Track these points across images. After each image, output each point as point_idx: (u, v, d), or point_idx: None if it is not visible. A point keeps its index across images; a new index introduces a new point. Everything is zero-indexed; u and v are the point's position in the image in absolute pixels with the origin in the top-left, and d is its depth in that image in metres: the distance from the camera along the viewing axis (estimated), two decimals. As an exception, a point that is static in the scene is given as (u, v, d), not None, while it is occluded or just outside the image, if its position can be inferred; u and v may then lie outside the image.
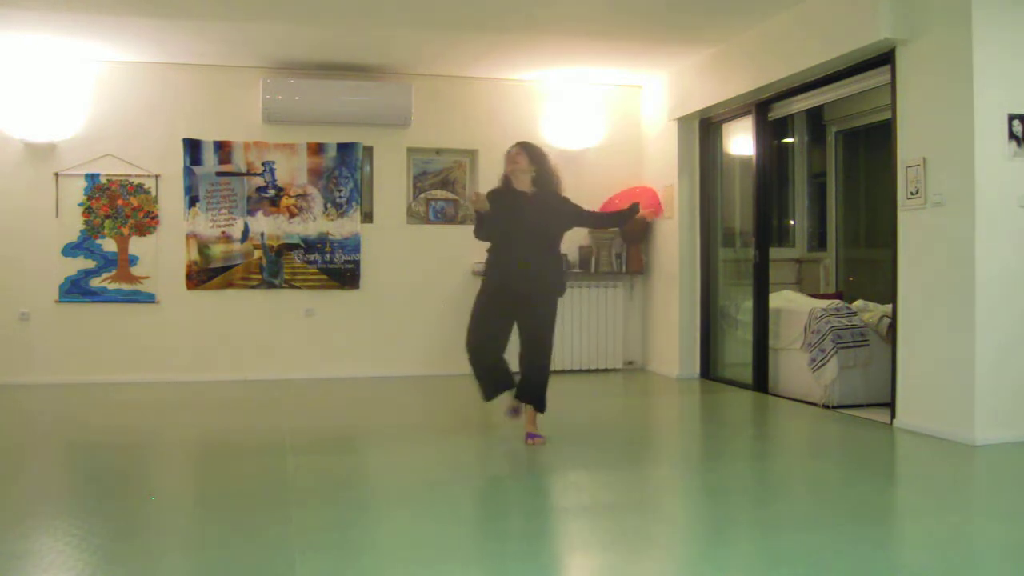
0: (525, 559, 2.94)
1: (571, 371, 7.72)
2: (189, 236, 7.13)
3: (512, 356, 4.90)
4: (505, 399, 4.93)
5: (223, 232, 7.18)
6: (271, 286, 7.28)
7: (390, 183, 7.55)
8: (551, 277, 4.78)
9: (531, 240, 4.68)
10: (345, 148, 7.36)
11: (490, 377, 4.84)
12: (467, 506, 3.62)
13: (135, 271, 7.07)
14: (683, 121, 7.37)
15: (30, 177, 6.92)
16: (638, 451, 4.99)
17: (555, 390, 6.99)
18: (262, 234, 7.24)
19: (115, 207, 7.01)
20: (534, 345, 4.76)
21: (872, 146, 7.74)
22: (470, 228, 7.74)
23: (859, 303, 6.43)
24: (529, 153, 4.79)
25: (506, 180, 4.81)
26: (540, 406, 4.82)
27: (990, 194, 4.60)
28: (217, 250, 7.17)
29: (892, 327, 5.23)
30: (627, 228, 7.54)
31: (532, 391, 4.78)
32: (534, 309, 4.74)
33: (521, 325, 4.79)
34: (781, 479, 4.25)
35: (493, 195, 4.76)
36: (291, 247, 7.31)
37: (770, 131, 6.73)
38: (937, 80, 4.81)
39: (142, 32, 6.28)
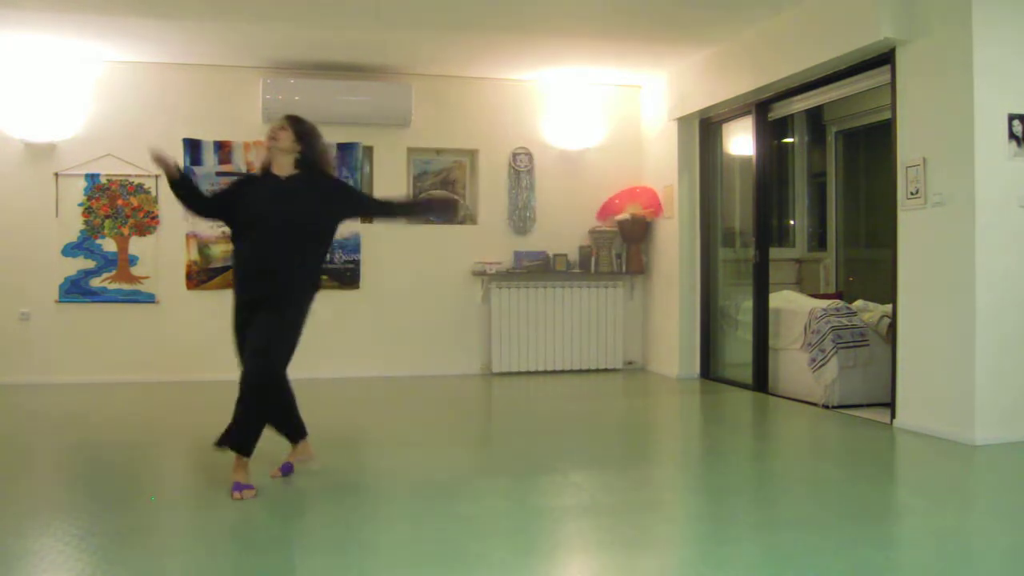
0: (525, 559, 2.94)
1: (571, 371, 7.72)
2: (189, 236, 7.13)
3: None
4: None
5: (223, 232, 7.17)
6: (271, 286, 7.27)
7: (390, 183, 7.54)
8: (298, 279, 3.83)
9: (280, 235, 3.76)
10: (345, 148, 7.35)
11: (278, 415, 3.94)
12: (467, 506, 3.62)
13: (135, 271, 7.06)
14: (683, 121, 7.37)
15: (30, 177, 6.92)
16: (638, 451, 4.99)
17: (555, 390, 7.04)
18: (262, 234, 7.24)
19: (115, 207, 7.01)
20: (250, 363, 3.79)
21: (872, 146, 7.74)
22: (470, 228, 7.94)
23: (859, 303, 6.43)
24: (295, 130, 3.90)
25: (267, 164, 3.96)
26: (242, 447, 3.69)
27: (990, 194, 4.60)
28: (217, 250, 7.17)
29: (892, 327, 5.23)
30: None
31: (236, 431, 3.74)
32: (267, 313, 3.79)
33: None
34: (781, 479, 4.24)
35: (245, 179, 4.08)
36: (291, 247, 7.30)
37: (770, 131, 6.73)
38: (937, 80, 4.81)
39: (142, 32, 6.28)
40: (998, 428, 4.59)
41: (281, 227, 3.76)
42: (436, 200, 4.02)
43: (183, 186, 3.90)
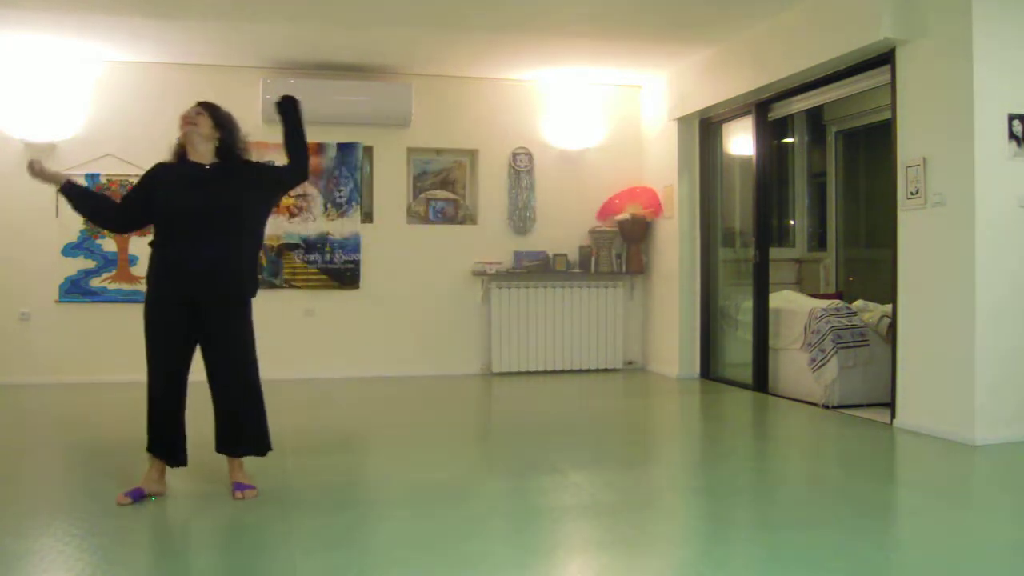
0: (526, 559, 2.94)
1: (571, 371, 7.72)
2: (189, 236, 7.12)
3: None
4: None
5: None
6: (271, 286, 7.27)
7: (390, 183, 7.56)
8: (240, 275, 3.64)
9: (212, 226, 3.55)
10: (345, 148, 7.36)
11: (168, 428, 3.64)
12: (467, 506, 3.62)
13: (135, 271, 7.06)
14: (683, 121, 7.37)
15: (30, 177, 6.90)
16: (638, 451, 4.99)
17: (555, 390, 7.04)
18: (262, 234, 7.24)
19: (115, 207, 7.00)
20: (231, 371, 3.63)
21: (872, 146, 7.74)
22: (470, 228, 7.95)
23: (859, 303, 6.43)
24: (213, 116, 3.72)
25: (181, 151, 3.73)
26: (263, 446, 3.75)
27: (990, 194, 4.60)
28: (217, 250, 7.17)
29: (892, 327, 5.23)
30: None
31: (247, 435, 3.69)
32: (223, 322, 3.61)
33: (206, 346, 3.62)
34: (781, 478, 4.25)
35: (158, 170, 3.73)
36: (291, 247, 7.31)
37: (770, 131, 6.73)
38: (937, 80, 4.81)
39: (142, 32, 6.28)
40: (998, 428, 4.59)
41: (222, 219, 3.56)
42: (283, 110, 3.87)
43: (79, 196, 3.77)
